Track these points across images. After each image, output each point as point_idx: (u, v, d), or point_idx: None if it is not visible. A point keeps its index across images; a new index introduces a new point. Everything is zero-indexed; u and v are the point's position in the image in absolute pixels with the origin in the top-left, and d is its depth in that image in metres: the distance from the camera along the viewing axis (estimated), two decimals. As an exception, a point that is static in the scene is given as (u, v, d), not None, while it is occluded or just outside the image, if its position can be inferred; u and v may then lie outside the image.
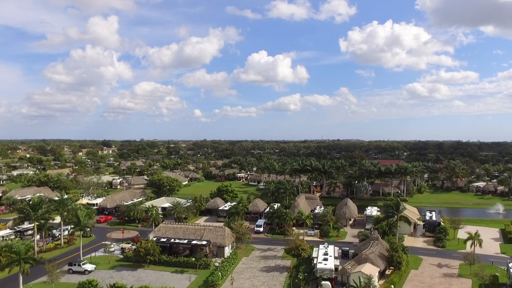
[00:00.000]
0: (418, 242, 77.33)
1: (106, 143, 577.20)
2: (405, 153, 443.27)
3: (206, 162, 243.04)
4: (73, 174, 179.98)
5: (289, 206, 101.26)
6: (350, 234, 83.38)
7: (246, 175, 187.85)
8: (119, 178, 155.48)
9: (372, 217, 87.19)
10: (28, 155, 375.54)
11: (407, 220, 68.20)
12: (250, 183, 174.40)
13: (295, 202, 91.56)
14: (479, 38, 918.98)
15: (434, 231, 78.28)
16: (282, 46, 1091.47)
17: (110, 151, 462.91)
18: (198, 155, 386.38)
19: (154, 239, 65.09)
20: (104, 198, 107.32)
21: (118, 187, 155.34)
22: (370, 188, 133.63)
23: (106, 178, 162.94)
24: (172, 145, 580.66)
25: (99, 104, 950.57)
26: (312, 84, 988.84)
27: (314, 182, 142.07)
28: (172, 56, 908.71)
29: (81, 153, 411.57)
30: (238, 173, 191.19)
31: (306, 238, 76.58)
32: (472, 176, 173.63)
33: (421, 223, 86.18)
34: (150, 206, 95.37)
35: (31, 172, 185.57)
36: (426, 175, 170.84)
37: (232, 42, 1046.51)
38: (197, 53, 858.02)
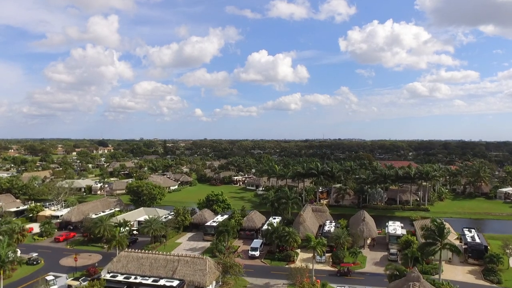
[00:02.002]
0: (460, 273, 59.27)
1: (103, 143, 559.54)
2: (410, 153, 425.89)
3: (200, 164, 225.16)
4: (52, 177, 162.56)
5: (292, 220, 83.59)
6: (371, 260, 65.47)
7: (243, 178, 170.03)
8: (99, 182, 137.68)
9: (397, 237, 69.46)
10: (17, 155, 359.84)
11: (455, 249, 50.36)
12: (248, 187, 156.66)
13: (300, 218, 73.63)
14: (479, 37, 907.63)
15: (481, 258, 60.32)
16: (282, 46, 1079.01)
17: (106, 151, 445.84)
18: (196, 155, 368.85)
19: (108, 276, 47.38)
20: (70, 209, 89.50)
21: (98, 192, 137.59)
22: (385, 195, 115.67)
23: (86, 182, 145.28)
24: (170, 145, 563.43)
25: (99, 103, 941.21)
26: (312, 84, 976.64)
27: (320, 188, 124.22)
28: (173, 55, 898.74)
29: (74, 153, 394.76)
30: (234, 176, 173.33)
31: (315, 266, 59.03)
32: (495, 180, 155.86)
33: (459, 243, 68.34)
34: (122, 221, 77.90)
35: (7, 175, 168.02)
36: (442, 179, 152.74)
37: (232, 42, 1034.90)
38: (197, 52, 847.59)
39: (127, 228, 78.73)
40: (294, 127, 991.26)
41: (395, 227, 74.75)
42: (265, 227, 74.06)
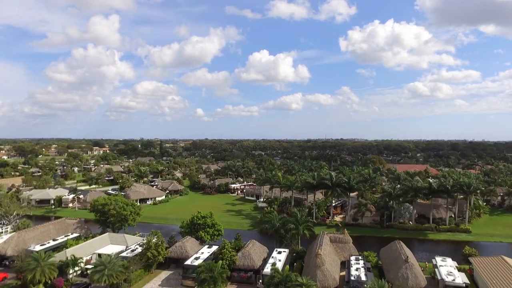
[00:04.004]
0: None
1: (98, 143, 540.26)
2: (419, 154, 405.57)
3: (194, 169, 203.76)
4: (21, 185, 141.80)
5: (303, 253, 62.46)
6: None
7: (242, 187, 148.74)
8: (71, 193, 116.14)
9: (458, 289, 48.23)
10: (5, 157, 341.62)
11: None
12: (247, 197, 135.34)
13: (316, 259, 51.91)
14: (480, 37, 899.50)
15: None
16: (283, 45, 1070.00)
17: (101, 152, 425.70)
18: (193, 156, 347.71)
19: None
20: (8, 236, 68.12)
21: (70, 205, 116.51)
22: (415, 212, 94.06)
23: (57, 191, 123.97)
24: (170, 145, 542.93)
25: (101, 103, 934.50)
26: (313, 83, 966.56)
27: (333, 201, 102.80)
28: (173, 55, 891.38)
29: (66, 154, 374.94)
30: (232, 183, 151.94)
31: None
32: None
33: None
34: (71, 258, 56.81)
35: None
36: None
37: (232, 42, 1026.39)
38: (198, 52, 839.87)
39: (78, 268, 57.83)
40: (296, 127, 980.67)
41: (449, 269, 53.20)
42: (267, 269, 52.79)
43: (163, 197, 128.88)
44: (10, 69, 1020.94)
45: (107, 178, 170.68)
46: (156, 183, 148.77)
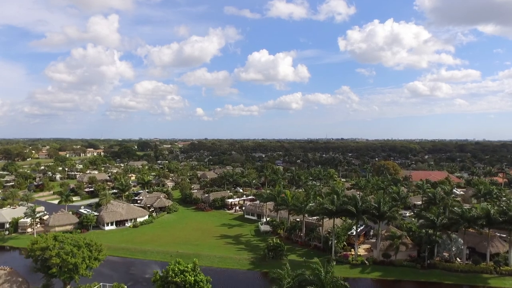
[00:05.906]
0: None
1: (93, 144, 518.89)
2: (426, 156, 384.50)
3: (188, 176, 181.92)
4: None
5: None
6: None
7: (241, 201, 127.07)
8: (28, 215, 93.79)
9: None
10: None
11: None
12: (247, 216, 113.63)
13: None
14: (480, 37, 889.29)
15: None
16: (282, 45, 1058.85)
17: (95, 154, 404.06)
18: (189, 160, 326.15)
19: None
20: None
21: (29, 230, 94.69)
22: (465, 247, 72.22)
23: (15, 212, 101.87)
24: (168, 146, 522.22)
25: (101, 102, 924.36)
26: (313, 83, 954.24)
27: (356, 229, 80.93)
28: (173, 55, 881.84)
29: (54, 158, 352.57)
30: (229, 197, 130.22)
31: None
32: None
33: None
34: None
35: None
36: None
37: (232, 41, 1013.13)
38: (198, 52, 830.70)
39: None
40: (296, 126, 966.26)
41: None
42: None
43: (146, 217, 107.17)
44: (10, 69, 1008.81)
45: (86, 190, 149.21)
46: (141, 197, 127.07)
